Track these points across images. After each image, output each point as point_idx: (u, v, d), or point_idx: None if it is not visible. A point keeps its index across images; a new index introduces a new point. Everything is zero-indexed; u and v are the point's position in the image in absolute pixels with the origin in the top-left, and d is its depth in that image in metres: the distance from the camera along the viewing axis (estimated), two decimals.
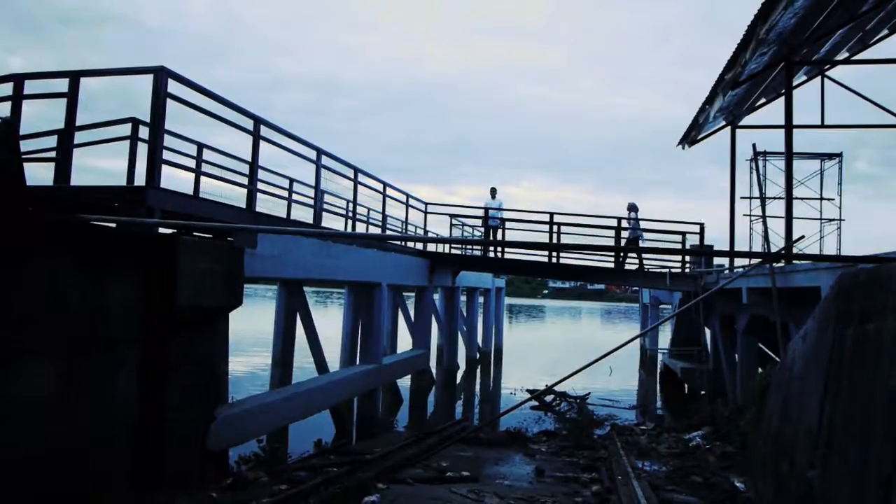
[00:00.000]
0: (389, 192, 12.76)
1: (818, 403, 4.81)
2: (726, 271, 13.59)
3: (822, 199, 16.43)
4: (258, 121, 7.57)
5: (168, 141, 7.61)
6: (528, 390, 16.54)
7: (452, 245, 17.26)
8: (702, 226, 14.10)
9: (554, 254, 14.98)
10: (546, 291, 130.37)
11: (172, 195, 6.15)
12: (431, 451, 9.16)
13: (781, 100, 16.50)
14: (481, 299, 23.26)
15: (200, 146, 8.49)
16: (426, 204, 15.23)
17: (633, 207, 15.95)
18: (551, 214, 14.98)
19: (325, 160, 9.51)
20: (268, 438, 10.81)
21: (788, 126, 11.77)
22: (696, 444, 10.96)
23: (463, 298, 22.17)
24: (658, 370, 21.23)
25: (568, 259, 15.13)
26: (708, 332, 16.64)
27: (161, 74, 5.88)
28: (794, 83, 16.08)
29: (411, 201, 14.20)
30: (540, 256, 15.19)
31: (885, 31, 14.04)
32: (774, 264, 7.97)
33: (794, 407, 5.79)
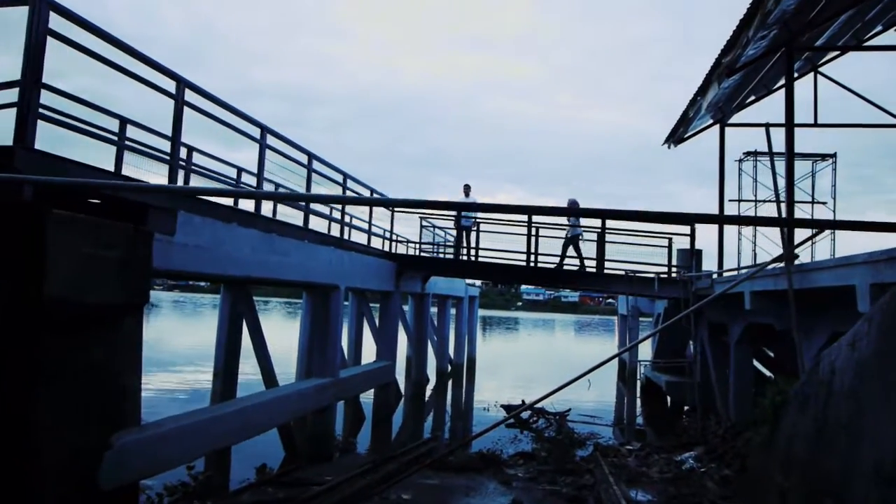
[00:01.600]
0: (351, 184, 11.45)
1: (894, 430, 3.67)
2: (715, 275, 12.57)
3: (814, 202, 15.58)
4: (181, 82, 6.27)
5: (89, 115, 6.37)
6: (502, 406, 15.33)
7: (422, 249, 16.01)
8: (692, 227, 13.04)
9: (531, 257, 13.81)
10: (520, 304, 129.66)
11: (56, 161, 4.81)
12: (391, 479, 7.86)
13: (770, 98, 15.78)
14: (453, 311, 22.02)
15: (123, 121, 7.19)
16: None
17: (573, 204, 14.92)
18: (530, 213, 13.80)
19: (272, 141, 8.20)
20: (206, 463, 9.48)
21: (789, 118, 10.78)
22: (690, 466, 9.83)
23: (434, 310, 20.96)
24: (639, 383, 20.18)
25: (546, 263, 13.98)
26: (692, 342, 15.69)
27: (38, 3, 4.57)
28: (783, 83, 15.27)
29: (377, 196, 12.88)
30: (517, 260, 14.01)
31: (880, 27, 13.36)
32: (787, 262, 6.86)
33: (842, 432, 4.66)
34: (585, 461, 10.01)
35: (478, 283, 34.38)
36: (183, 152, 8.72)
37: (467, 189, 15.04)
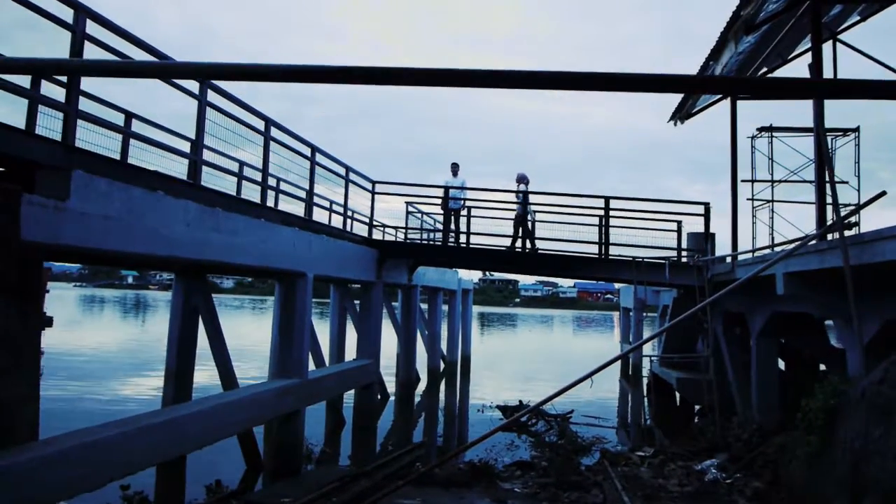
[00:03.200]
0: (322, 159, 10.06)
1: None
2: (735, 257, 11.27)
3: (834, 181, 14.20)
4: (79, 8, 4.95)
5: None
6: (498, 406, 14.05)
7: (408, 234, 14.66)
8: (707, 206, 11.72)
9: (528, 243, 12.49)
10: (517, 300, 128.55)
11: None
12: (363, 499, 6.57)
13: (785, 68, 14.51)
14: (445, 307, 20.69)
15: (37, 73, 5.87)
16: (374, 183, 12.57)
17: (522, 179, 13.52)
18: (525, 194, 12.49)
19: (213, 98, 6.86)
20: (158, 479, 8.20)
21: (817, 75, 9.45)
22: (714, 477, 8.54)
23: (424, 307, 19.68)
24: (645, 380, 18.88)
25: (546, 250, 12.61)
26: (704, 335, 14.43)
27: None
28: (799, 51, 14.03)
29: (354, 177, 11.54)
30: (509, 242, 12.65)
31: None
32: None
33: None
34: (592, 471, 8.73)
35: (475, 279, 33.14)
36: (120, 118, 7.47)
37: (455, 168, 13.69)
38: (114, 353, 24.02)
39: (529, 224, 12.96)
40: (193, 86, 6.59)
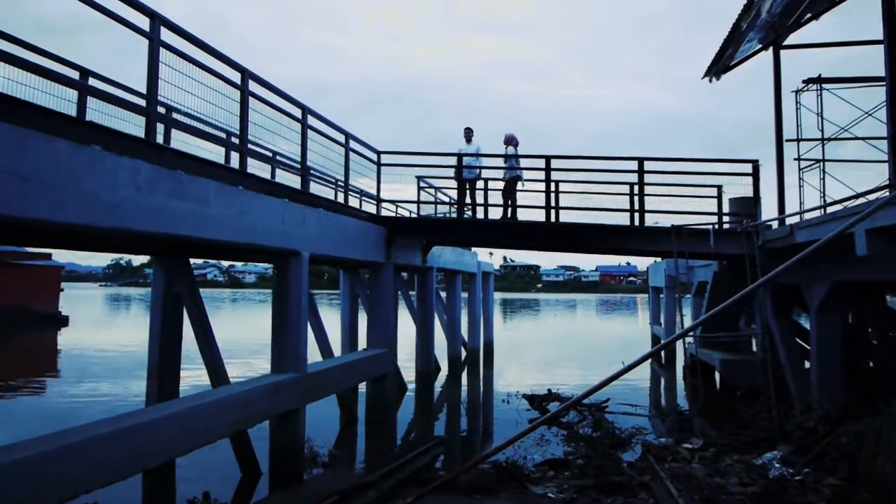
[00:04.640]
0: (314, 122, 8.87)
1: None
2: (774, 223, 9.94)
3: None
4: None
5: None
6: (524, 396, 12.91)
7: (421, 212, 13.45)
8: (755, 164, 10.33)
9: (552, 213, 11.21)
10: (539, 285, 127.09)
11: None
12: None
13: (828, 17, 13.03)
14: (464, 295, 19.50)
15: None
16: (379, 153, 11.37)
17: (510, 140, 12.33)
18: (548, 158, 11.22)
19: (170, 38, 5.72)
20: (145, 487, 7.24)
21: (890, 18, 8.00)
22: (778, 473, 7.32)
23: (444, 294, 18.53)
24: (682, 363, 17.57)
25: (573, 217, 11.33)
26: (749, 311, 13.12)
27: None
28: None
29: (355, 146, 10.36)
30: (535, 213, 11.43)
31: None
32: None
33: None
34: (636, 470, 7.55)
35: (496, 265, 32.02)
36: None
37: (469, 133, 12.42)
38: (132, 350, 23.28)
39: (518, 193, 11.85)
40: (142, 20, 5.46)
